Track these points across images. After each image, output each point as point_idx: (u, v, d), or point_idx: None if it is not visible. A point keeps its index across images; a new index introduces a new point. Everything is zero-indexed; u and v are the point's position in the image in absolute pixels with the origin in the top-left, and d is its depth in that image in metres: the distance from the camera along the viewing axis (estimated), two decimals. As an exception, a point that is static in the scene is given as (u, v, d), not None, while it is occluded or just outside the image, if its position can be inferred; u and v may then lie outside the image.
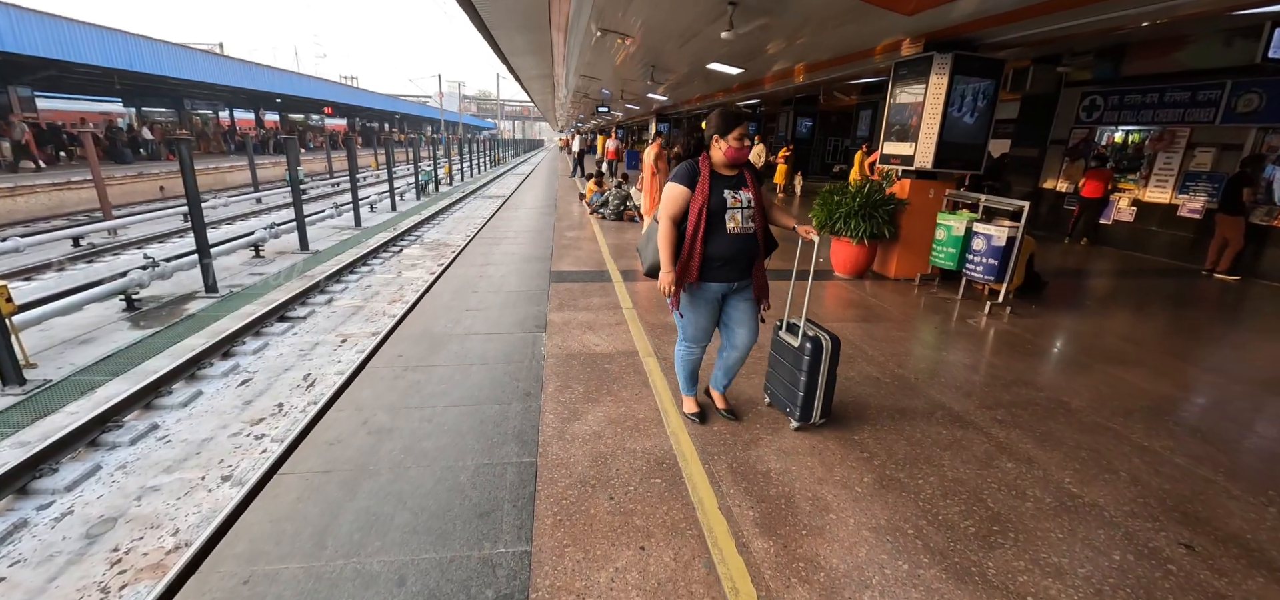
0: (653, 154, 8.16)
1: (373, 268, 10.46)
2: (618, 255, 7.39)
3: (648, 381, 3.72)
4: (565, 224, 9.86)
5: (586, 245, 7.99)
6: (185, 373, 6.00)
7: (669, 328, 4.73)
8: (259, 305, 8.23)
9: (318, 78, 30.13)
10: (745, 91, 15.13)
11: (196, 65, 21.53)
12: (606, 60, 11.88)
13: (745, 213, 2.81)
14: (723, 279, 2.94)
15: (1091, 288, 7.05)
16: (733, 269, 2.92)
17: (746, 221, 2.82)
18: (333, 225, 14.40)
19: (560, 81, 19.99)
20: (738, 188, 2.81)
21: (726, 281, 2.97)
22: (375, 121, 49.30)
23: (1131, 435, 3.33)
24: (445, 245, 12.57)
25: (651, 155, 8.17)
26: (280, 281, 9.46)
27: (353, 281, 9.55)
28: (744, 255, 2.91)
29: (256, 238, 11.08)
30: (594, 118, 25.59)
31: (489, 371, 3.81)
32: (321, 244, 12.43)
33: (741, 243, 2.85)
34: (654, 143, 8.33)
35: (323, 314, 7.97)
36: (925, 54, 6.01)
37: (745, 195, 2.82)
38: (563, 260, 7.02)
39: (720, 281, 2.95)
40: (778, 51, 8.09)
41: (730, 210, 2.77)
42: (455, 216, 16.89)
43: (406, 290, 9.16)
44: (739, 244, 2.85)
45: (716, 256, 2.83)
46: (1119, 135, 9.86)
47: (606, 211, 10.26)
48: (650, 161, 8.20)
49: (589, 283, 6.03)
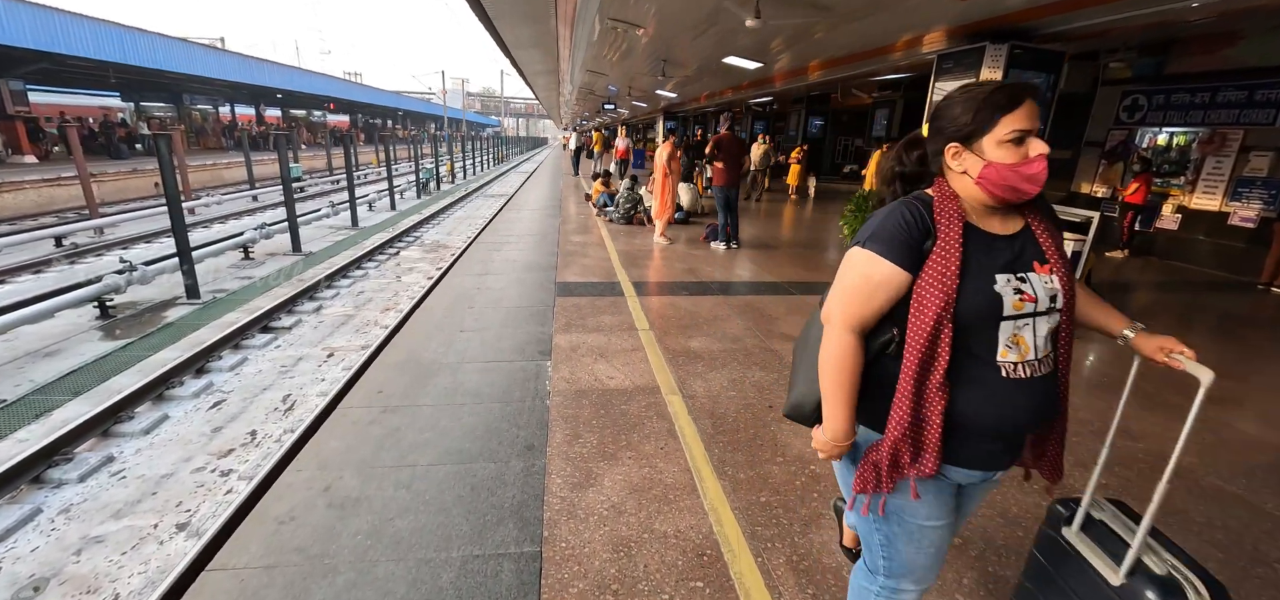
0: (665, 153, 7.51)
1: (367, 271, 9.84)
2: (629, 264, 6.75)
3: (674, 429, 3.08)
4: (570, 227, 9.22)
5: (594, 252, 7.35)
6: (153, 392, 5.39)
7: (694, 354, 4.09)
8: (242, 313, 7.61)
9: (318, 73, 29.53)
10: (756, 89, 14.49)
11: (193, 59, 20.92)
12: (615, 54, 11.23)
13: (1047, 322, 1.24)
14: (984, 464, 1.33)
15: (1148, 305, 6.40)
16: (1007, 445, 1.32)
17: (1046, 348, 1.26)
18: (329, 225, 13.79)
19: (565, 77, 19.33)
20: (1023, 261, 1.24)
21: (990, 468, 1.34)
22: (378, 118, 48.69)
23: (1266, 506, 2.69)
24: (445, 247, 11.95)
25: (664, 154, 7.52)
26: (268, 286, 8.85)
27: (345, 287, 8.93)
28: (1033, 414, 1.27)
29: (246, 239, 10.47)
30: (599, 115, 24.90)
31: (483, 414, 3.18)
32: (316, 245, 11.82)
33: (1031, 394, 1.24)
34: (666, 140, 7.69)
35: (310, 324, 7.35)
36: (975, 45, 5.36)
37: (1044, 282, 1.23)
38: (569, 269, 6.39)
39: (979, 467, 1.33)
40: (803, 43, 7.43)
41: (1015, 323, 1.21)
42: (456, 216, 16.27)
43: (401, 297, 8.55)
44: (1026, 397, 1.24)
45: (978, 421, 1.25)
46: (1162, 137, 9.18)
47: (614, 214, 9.61)
48: (663, 161, 7.56)
49: (598, 297, 5.40)
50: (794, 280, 6.32)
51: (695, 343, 4.31)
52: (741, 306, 5.30)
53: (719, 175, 7.40)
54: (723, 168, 7.31)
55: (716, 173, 7.42)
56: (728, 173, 7.33)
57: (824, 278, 6.58)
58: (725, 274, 6.47)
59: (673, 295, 5.54)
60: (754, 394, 3.53)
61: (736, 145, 7.35)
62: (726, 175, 7.34)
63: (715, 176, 7.47)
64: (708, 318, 4.94)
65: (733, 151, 7.29)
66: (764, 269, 6.75)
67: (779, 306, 5.37)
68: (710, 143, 7.40)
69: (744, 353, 4.17)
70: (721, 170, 7.32)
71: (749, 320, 4.92)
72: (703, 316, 4.97)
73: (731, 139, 7.28)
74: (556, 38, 12.13)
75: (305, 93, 28.99)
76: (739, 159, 7.41)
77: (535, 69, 17.16)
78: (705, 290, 5.76)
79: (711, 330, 4.62)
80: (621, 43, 9.89)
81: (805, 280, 6.37)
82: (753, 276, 6.41)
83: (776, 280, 6.29)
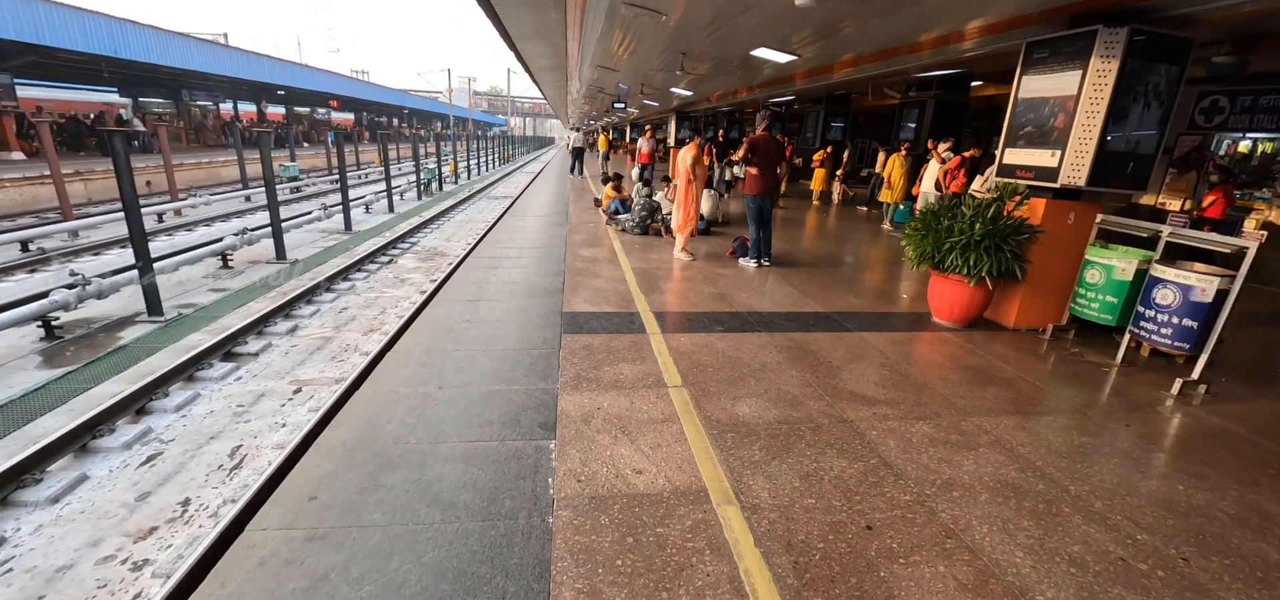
0: (690, 156, 6.47)
1: (354, 283, 8.84)
2: (648, 287, 5.70)
3: (737, 577, 2.04)
4: (579, 237, 8.17)
5: (606, 271, 6.31)
6: (76, 442, 4.41)
7: (745, 428, 3.04)
8: (207, 334, 6.63)
9: (320, 69, 28.60)
10: (772, 88, 13.41)
11: (189, 54, 20.00)
12: (627, 48, 10.20)
13: None
14: None
15: (1273, 342, 5.32)
16: None
17: None
18: (320, 229, 12.80)
19: (573, 75, 18.30)
20: None
21: None
22: (384, 116, 47.80)
23: None
24: (441, 255, 10.95)
25: (689, 158, 6.47)
26: (242, 301, 7.85)
27: (327, 302, 7.93)
28: None
29: (224, 246, 9.49)
30: (609, 114, 23.84)
31: (455, 545, 2.14)
32: (303, 251, 10.83)
33: None
34: (692, 142, 6.64)
35: (281, 349, 6.34)
36: (1084, 29, 4.28)
37: None
38: (578, 295, 5.34)
39: None
40: (849, 30, 6.37)
41: None
42: (457, 219, 15.27)
43: (389, 315, 7.54)
44: None
45: None
46: (1244, 144, 8.07)
47: (628, 223, 8.55)
48: (687, 166, 6.51)
49: (615, 334, 4.36)
50: (846, 310, 5.26)
51: (744, 407, 3.27)
52: (791, 349, 4.25)
53: (752, 183, 6.35)
54: (757, 174, 6.26)
55: (749, 180, 6.37)
56: (763, 179, 6.28)
57: (882, 308, 5.50)
58: (763, 301, 5.41)
59: (706, 332, 4.49)
60: (839, 500, 2.48)
61: (774, 148, 6.29)
62: (761, 182, 6.29)
63: (747, 183, 6.42)
64: (753, 365, 3.89)
65: (770, 155, 6.23)
66: (807, 295, 5.68)
67: (837, 349, 4.31)
68: (743, 144, 6.33)
69: (810, 425, 3.12)
70: (755, 177, 6.27)
71: (805, 369, 3.87)
72: (746, 363, 3.92)
73: (768, 140, 6.23)
74: (564, 30, 11.09)
75: (306, 90, 28.07)
76: (776, 164, 6.36)
77: (541, 64, 16.13)
78: (744, 324, 4.71)
79: (761, 386, 3.57)
80: (635, 35, 8.86)
81: (860, 310, 5.30)
82: (796, 305, 5.35)
83: (825, 310, 5.23)
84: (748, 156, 6.17)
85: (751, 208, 6.44)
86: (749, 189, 6.37)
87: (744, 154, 6.21)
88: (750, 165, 6.22)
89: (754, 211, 6.42)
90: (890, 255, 8.11)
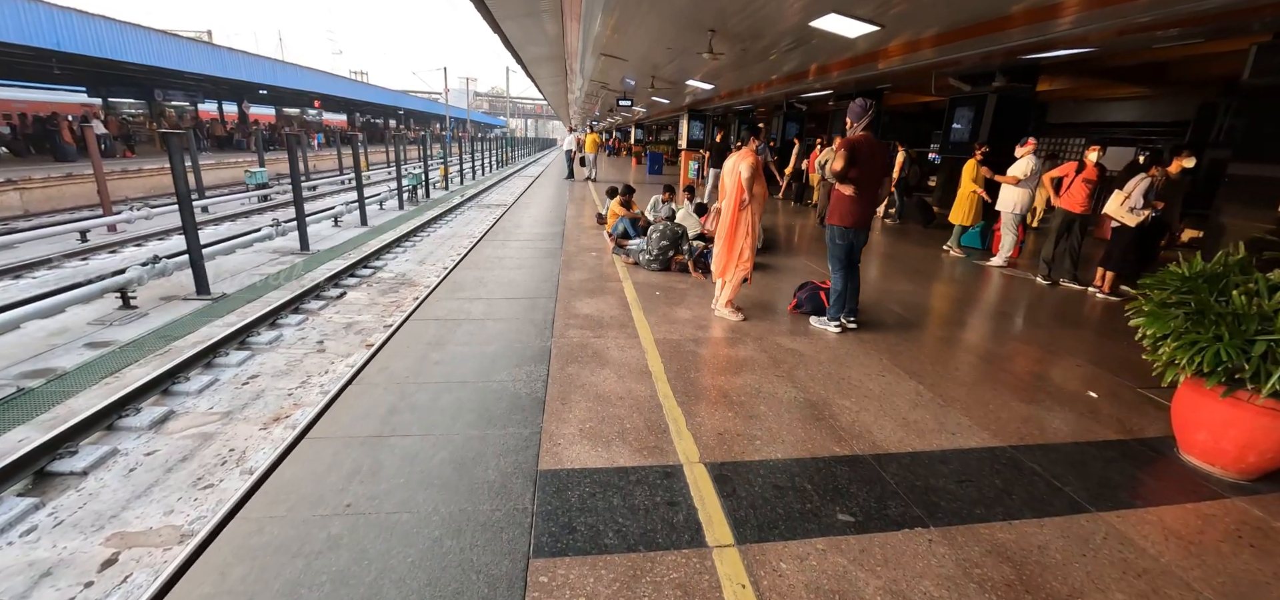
0: (747, 167, 4.17)
1: (282, 333, 6.56)
2: (688, 390, 3.38)
3: None
4: (577, 277, 5.88)
5: (615, 346, 4.03)
6: None
7: None
8: (33, 429, 4.42)
9: (304, 67, 26.27)
10: (793, 83, 11.13)
11: (147, 47, 17.73)
12: (639, 29, 7.96)
13: None
14: None
15: None
16: None
17: None
18: (270, 249, 10.54)
19: (574, 70, 16.02)
20: None
21: None
22: (380, 118, 45.47)
23: None
24: (410, 284, 8.69)
25: (746, 171, 4.17)
26: (121, 363, 5.62)
27: (230, 368, 5.66)
28: None
29: (123, 280, 7.23)
30: (612, 114, 21.52)
31: None
32: (240, 280, 8.58)
33: None
34: (747, 147, 4.33)
35: (117, 470, 4.04)
36: None
37: None
38: (568, 418, 3.02)
39: None
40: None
41: None
42: (439, 234, 13.00)
43: (313, 387, 5.30)
44: None
45: None
46: None
47: (643, 255, 6.25)
48: (743, 181, 4.21)
49: (643, 556, 2.10)
50: (1026, 439, 2.97)
51: None
52: (992, 579, 1.99)
53: (844, 208, 4.05)
54: (853, 196, 3.97)
55: (838, 203, 4.08)
56: (861, 203, 3.99)
57: (1080, 430, 3.15)
58: (888, 421, 3.11)
59: (821, 530, 2.21)
60: None
61: (881, 156, 4.00)
62: (858, 208, 4.00)
63: (835, 208, 4.12)
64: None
65: (875, 168, 3.94)
66: (948, 400, 3.37)
67: (1072, 567, 2.06)
68: (837, 148, 3.97)
69: None
70: (850, 199, 3.98)
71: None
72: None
73: (873, 145, 3.93)
74: (561, 9, 8.82)
75: (289, 88, 25.77)
76: (882, 179, 4.07)
77: (536, 55, 13.84)
78: (881, 497, 2.42)
79: None
80: (648, 11, 6.64)
81: (1049, 439, 3.01)
82: (941, 427, 3.06)
83: (998, 441, 2.94)
84: (844, 170, 3.86)
85: (839, 246, 4.14)
86: (837, 216, 4.07)
87: (840, 165, 3.88)
88: (846, 182, 3.92)
89: (843, 251, 4.13)
90: (1002, 302, 5.83)
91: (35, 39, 14.47)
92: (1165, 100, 14.96)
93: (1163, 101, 15.02)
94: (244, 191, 16.47)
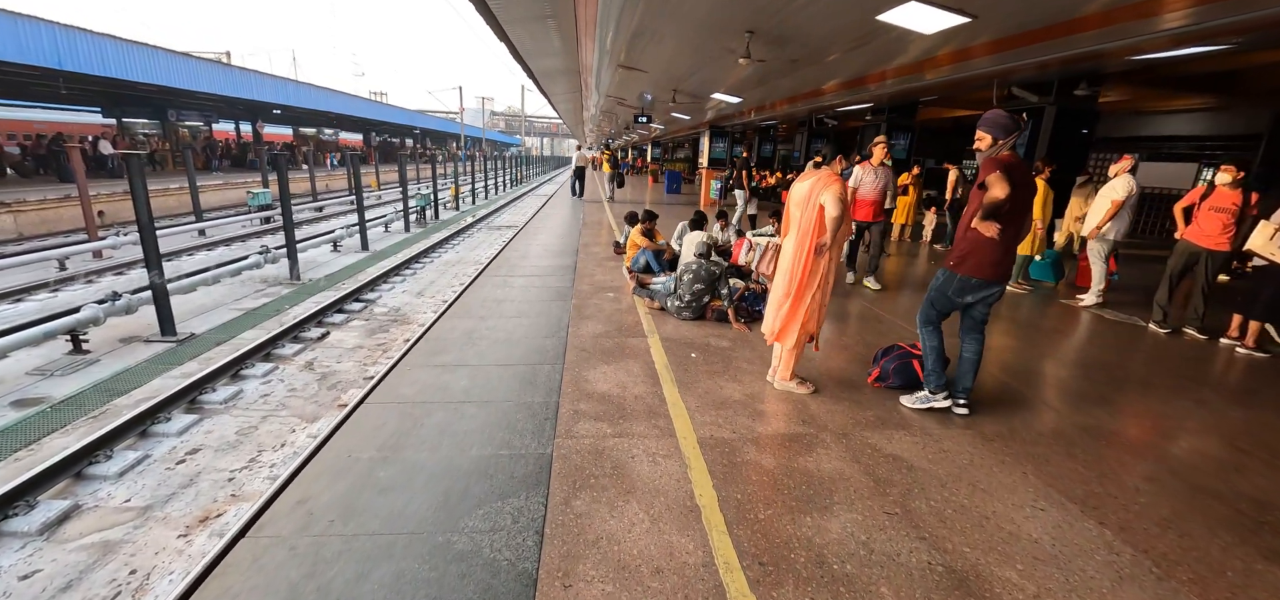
0: (837, 197, 2.91)
1: (243, 387, 5.46)
2: (757, 540, 2.22)
3: None
4: (591, 331, 4.69)
5: (643, 441, 2.85)
6: None
7: None
8: None
9: (318, 86, 25.68)
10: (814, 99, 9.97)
11: (153, 66, 17.13)
12: (664, 33, 6.87)
13: None
14: None
15: None
16: None
17: None
18: (258, 278, 9.55)
19: (589, 86, 15.03)
20: None
21: None
22: (397, 137, 45.11)
23: None
24: (404, 322, 7.59)
25: (835, 200, 2.91)
26: (33, 434, 4.55)
27: (169, 437, 4.57)
28: None
29: (76, 320, 6.22)
30: (629, 131, 20.51)
31: None
32: (210, 318, 7.53)
33: None
34: (828, 169, 3.11)
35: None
36: None
37: None
38: (576, 594, 1.88)
39: None
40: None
41: None
42: (444, 259, 11.96)
43: (261, 468, 4.19)
44: None
45: None
46: None
47: (671, 300, 5.04)
48: (829, 214, 2.96)
49: None
50: None
51: None
52: None
53: (991, 255, 2.81)
54: (996, 240, 2.72)
55: (983, 249, 2.82)
56: (1004, 246, 2.76)
57: None
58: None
59: None
60: None
61: (1031, 185, 2.78)
62: (1008, 252, 2.79)
63: (978, 254, 2.86)
64: None
65: (1027, 199, 2.73)
66: (1205, 581, 2.16)
67: None
68: (988, 171, 2.69)
69: None
70: (991, 245, 2.74)
71: None
72: None
73: (1024, 169, 2.70)
74: (573, 13, 7.77)
75: (303, 108, 25.22)
76: (1028, 216, 2.84)
77: (548, 67, 12.84)
78: None
79: None
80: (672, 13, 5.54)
81: None
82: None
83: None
84: (1005, 200, 2.64)
85: (976, 306, 2.93)
86: (977, 264, 2.86)
87: (1002, 192, 2.64)
88: (997, 216, 2.70)
89: (980, 318, 2.93)
90: (1126, 360, 4.55)
91: (35, 57, 13.84)
92: (1232, 111, 13.54)
93: (1230, 112, 13.59)
94: (247, 213, 15.66)
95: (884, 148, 6.12)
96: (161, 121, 23.23)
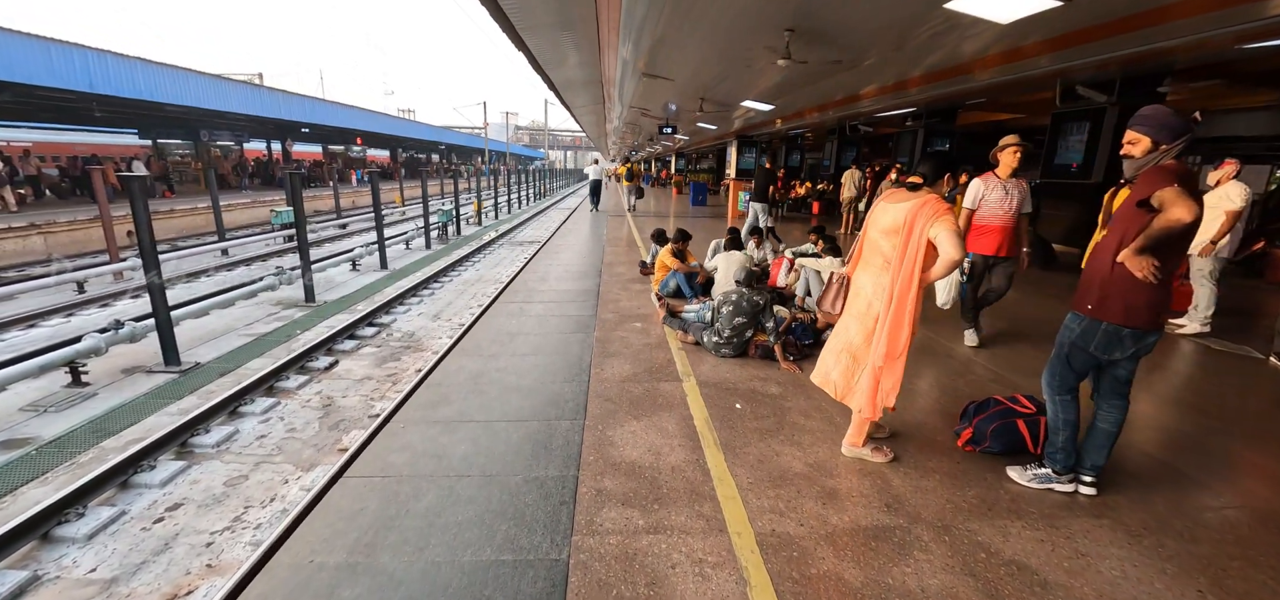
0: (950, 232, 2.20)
1: (240, 427, 4.99)
2: None
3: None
4: (618, 367, 4.07)
5: (684, 538, 2.22)
6: None
7: None
8: None
9: (345, 104, 25.84)
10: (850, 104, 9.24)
11: (184, 88, 17.27)
12: (691, 38, 6.29)
13: None
14: None
15: None
16: None
17: None
18: (273, 300, 9.22)
19: (612, 98, 14.56)
20: None
21: None
22: (423, 153, 45.50)
23: None
24: (417, 348, 7.10)
25: (950, 236, 2.22)
26: (11, 483, 4.12)
27: (151, 488, 4.10)
28: None
29: (74, 352, 5.87)
30: (653, 142, 19.97)
31: None
32: (218, 345, 7.14)
33: None
34: (933, 190, 2.42)
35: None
36: None
37: None
38: None
39: None
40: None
41: None
42: (463, 278, 11.53)
43: (245, 528, 3.68)
44: None
45: None
46: None
47: (707, 335, 4.39)
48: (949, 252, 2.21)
49: None
50: None
51: None
52: None
53: (1150, 296, 2.10)
54: (1158, 269, 2.02)
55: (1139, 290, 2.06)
56: (1164, 279, 2.05)
57: None
58: None
59: None
60: None
61: (1200, 197, 2.08)
62: (1161, 290, 2.07)
63: (1132, 296, 2.13)
64: None
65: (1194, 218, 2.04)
66: None
67: None
68: (1155, 184, 1.98)
69: None
70: (1145, 290, 2.02)
71: None
72: None
73: (1194, 179, 2.01)
74: (595, 17, 7.24)
75: (330, 126, 25.38)
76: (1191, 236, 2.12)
77: (568, 78, 12.38)
78: None
79: None
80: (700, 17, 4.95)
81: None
82: None
83: None
84: (1178, 232, 1.95)
85: (1122, 360, 2.26)
86: (1121, 307, 2.14)
87: (1189, 215, 1.91)
88: (1168, 246, 2.02)
89: (1125, 377, 2.25)
90: (1257, 405, 3.74)
91: (67, 81, 13.98)
92: (1310, 108, 12.31)
93: (1307, 109, 12.36)
94: (271, 231, 15.57)
95: (1016, 151, 4.33)
96: (195, 142, 23.59)
